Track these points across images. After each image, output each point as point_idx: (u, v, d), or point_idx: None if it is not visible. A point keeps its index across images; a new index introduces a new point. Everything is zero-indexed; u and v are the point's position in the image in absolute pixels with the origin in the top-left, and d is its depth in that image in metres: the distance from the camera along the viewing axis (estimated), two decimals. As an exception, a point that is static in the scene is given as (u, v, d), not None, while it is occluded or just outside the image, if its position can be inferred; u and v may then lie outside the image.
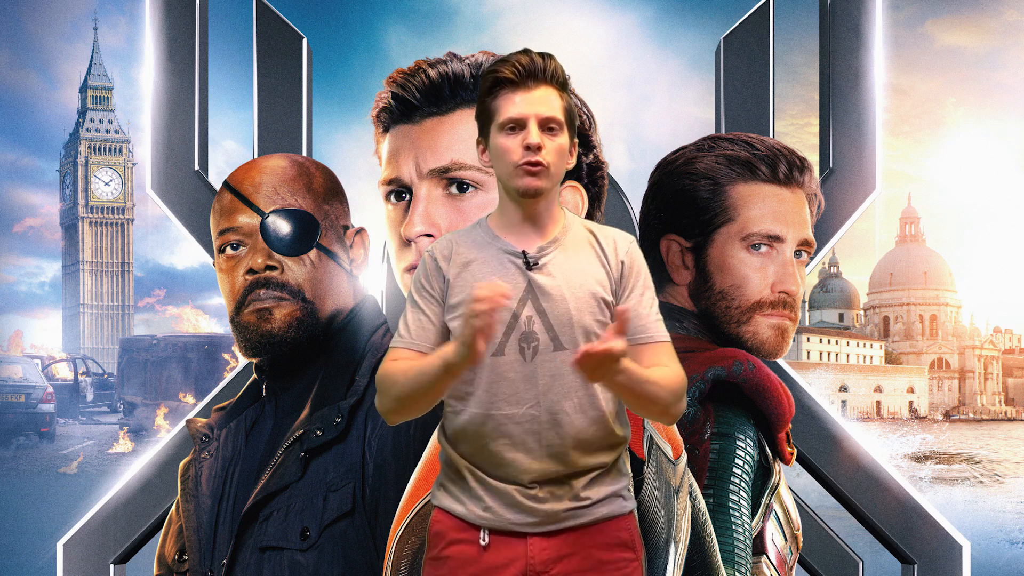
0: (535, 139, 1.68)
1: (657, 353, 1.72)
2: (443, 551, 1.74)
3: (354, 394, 2.17)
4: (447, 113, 2.19)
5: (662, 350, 1.72)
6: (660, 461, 1.84)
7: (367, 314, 2.29)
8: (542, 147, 1.69)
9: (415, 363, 1.69)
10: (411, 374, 1.68)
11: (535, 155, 1.68)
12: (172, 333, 43.69)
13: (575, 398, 1.70)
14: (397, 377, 1.69)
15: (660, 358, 1.71)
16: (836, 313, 68.51)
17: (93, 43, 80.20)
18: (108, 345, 72.96)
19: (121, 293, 79.43)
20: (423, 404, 1.71)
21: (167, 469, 3.15)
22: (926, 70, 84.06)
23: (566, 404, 1.69)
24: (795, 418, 2.19)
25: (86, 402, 34.90)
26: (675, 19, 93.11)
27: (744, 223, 2.20)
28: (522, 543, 1.71)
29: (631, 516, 1.76)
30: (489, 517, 1.71)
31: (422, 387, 1.67)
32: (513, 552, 1.71)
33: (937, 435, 46.97)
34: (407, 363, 1.71)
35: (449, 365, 1.63)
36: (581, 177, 2.18)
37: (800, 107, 52.24)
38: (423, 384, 1.67)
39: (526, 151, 1.68)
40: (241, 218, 2.23)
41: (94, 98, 78.72)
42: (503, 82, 1.71)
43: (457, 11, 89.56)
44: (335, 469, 2.12)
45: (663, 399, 1.68)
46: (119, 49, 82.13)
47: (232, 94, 68.26)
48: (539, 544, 1.71)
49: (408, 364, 1.70)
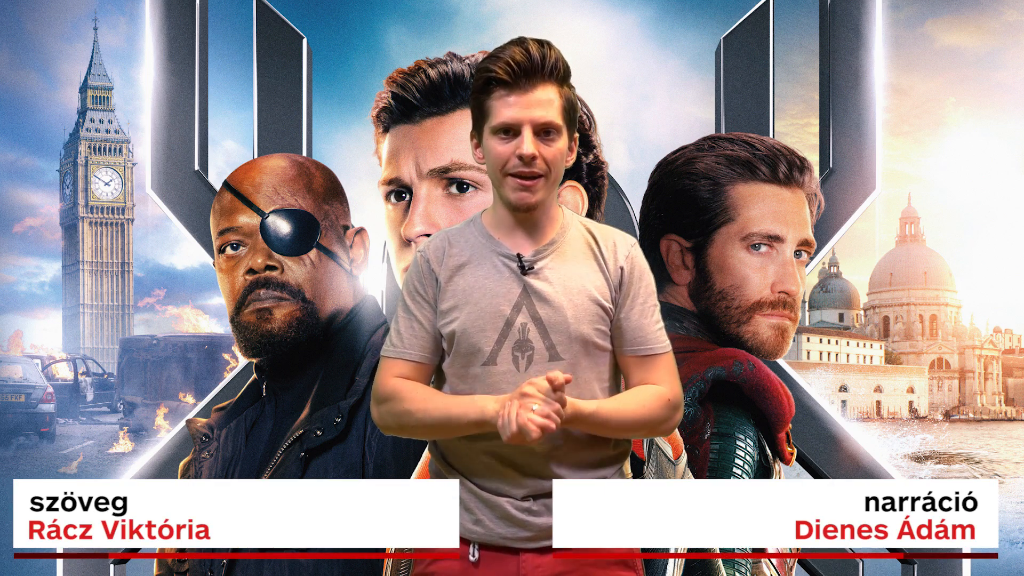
0: (529, 149, 1.61)
1: (655, 367, 1.68)
2: (429, 567, 1.69)
3: (354, 394, 2.17)
4: (447, 113, 2.19)
5: (661, 364, 1.68)
6: (660, 461, 1.83)
7: (367, 314, 2.29)
8: (536, 157, 1.61)
9: (437, 399, 1.64)
10: (432, 413, 1.63)
11: (529, 167, 1.61)
12: (172, 333, 43.65)
13: None
14: (410, 406, 1.64)
15: (658, 373, 1.67)
16: (836, 313, 68.45)
17: (93, 43, 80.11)
18: (108, 345, 72.90)
19: (121, 293, 79.34)
20: (435, 436, 1.67)
21: (167, 469, 3.15)
22: (926, 70, 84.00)
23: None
24: (795, 418, 2.19)
25: (86, 402, 34.84)
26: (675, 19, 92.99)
27: (744, 223, 2.20)
28: (514, 560, 1.66)
29: None
30: (479, 531, 1.66)
31: (445, 428, 1.63)
32: (504, 569, 1.66)
33: (937, 435, 46.92)
34: (422, 391, 1.65)
35: (482, 423, 1.59)
36: (581, 177, 2.18)
37: (800, 107, 52.22)
38: (447, 426, 1.62)
39: (519, 161, 1.61)
40: (241, 218, 2.22)
41: (94, 98, 78.64)
42: (496, 82, 1.62)
43: (457, 11, 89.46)
44: (335, 469, 2.12)
45: (639, 428, 1.65)
46: (119, 49, 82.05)
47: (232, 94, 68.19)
48: (532, 561, 1.65)
49: (424, 394, 1.65)
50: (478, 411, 1.59)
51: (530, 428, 1.53)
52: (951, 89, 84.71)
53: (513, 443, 1.56)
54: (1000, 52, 77.45)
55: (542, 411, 1.54)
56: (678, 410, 1.68)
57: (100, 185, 76.39)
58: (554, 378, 1.55)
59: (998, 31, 78.27)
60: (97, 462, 28.32)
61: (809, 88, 52.25)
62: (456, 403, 1.62)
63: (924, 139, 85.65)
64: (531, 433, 1.53)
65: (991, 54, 78.53)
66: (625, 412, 1.63)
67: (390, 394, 1.67)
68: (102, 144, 75.92)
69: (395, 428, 1.68)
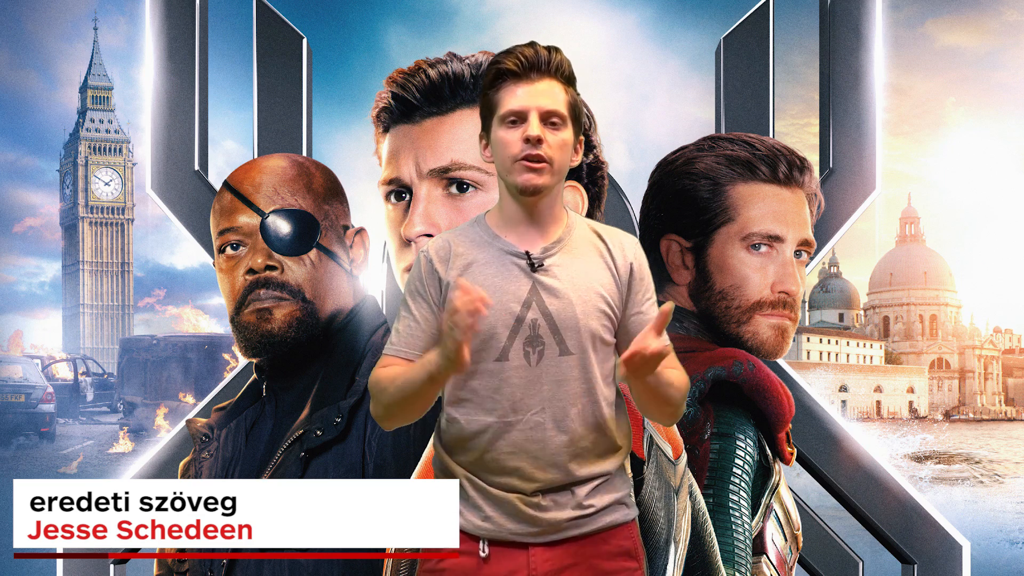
0: (535, 131, 1.64)
1: (666, 360, 1.69)
2: (440, 563, 1.70)
3: (354, 394, 2.17)
4: (447, 113, 2.19)
5: (670, 356, 1.70)
6: (660, 461, 1.83)
7: (367, 314, 2.29)
8: (543, 140, 1.64)
9: (402, 371, 1.67)
10: (398, 383, 1.65)
11: (535, 149, 1.64)
12: (172, 333, 43.68)
13: (580, 404, 1.67)
14: (386, 385, 1.67)
15: (669, 361, 1.69)
16: (836, 313, 68.48)
17: (93, 43, 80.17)
18: (108, 345, 72.94)
19: (121, 293, 79.39)
20: (412, 412, 1.68)
21: (167, 469, 3.15)
22: (926, 70, 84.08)
23: (571, 411, 1.67)
24: (795, 418, 2.19)
25: (86, 402, 34.87)
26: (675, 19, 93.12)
27: (744, 223, 2.20)
28: (523, 553, 1.67)
29: (633, 524, 1.74)
30: (489, 527, 1.68)
31: (408, 396, 1.65)
32: (514, 563, 1.67)
33: (937, 435, 46.96)
34: (395, 370, 1.68)
35: (431, 375, 1.60)
36: (581, 177, 2.18)
37: (800, 107, 52.29)
38: (409, 393, 1.64)
39: (526, 144, 1.64)
40: (241, 218, 2.22)
41: (94, 98, 78.69)
42: (506, 74, 1.67)
43: (457, 11, 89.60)
44: (335, 469, 2.12)
45: (676, 401, 1.67)
46: (119, 49, 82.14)
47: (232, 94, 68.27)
48: (541, 554, 1.67)
49: (396, 371, 1.67)
50: (425, 363, 1.61)
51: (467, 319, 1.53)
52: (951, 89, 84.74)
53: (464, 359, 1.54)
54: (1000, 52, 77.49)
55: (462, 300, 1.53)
56: (686, 399, 1.70)
57: (100, 185, 76.43)
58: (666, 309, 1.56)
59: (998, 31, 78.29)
60: (97, 462, 28.33)
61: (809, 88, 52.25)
62: (413, 367, 1.64)
63: (924, 139, 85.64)
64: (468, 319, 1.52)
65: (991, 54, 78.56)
66: (670, 378, 1.65)
67: (374, 383, 1.69)
68: (102, 144, 75.96)
69: (384, 416, 1.70)
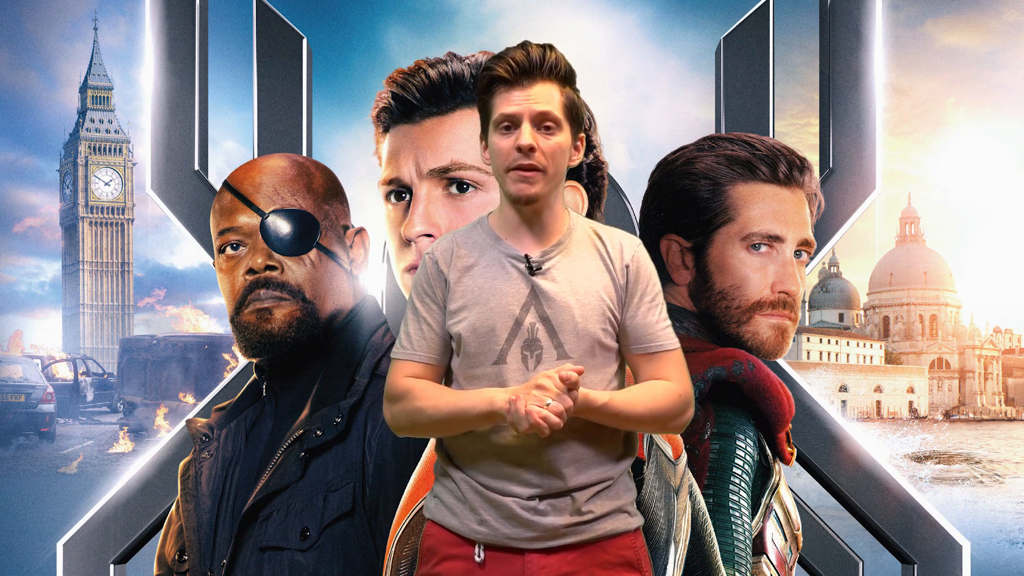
0: (527, 140, 1.62)
1: (666, 364, 1.69)
2: (436, 567, 1.69)
3: (354, 394, 2.17)
4: (447, 113, 2.19)
5: (671, 360, 1.69)
6: (660, 461, 1.83)
7: (367, 314, 2.29)
8: (535, 148, 1.63)
9: (447, 395, 1.65)
10: (443, 408, 1.63)
11: (527, 158, 1.63)
12: (172, 333, 43.68)
13: None
14: (422, 403, 1.65)
15: (669, 369, 1.68)
16: (836, 313, 68.48)
17: (93, 43, 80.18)
18: (108, 345, 72.93)
19: (121, 293, 79.40)
20: (448, 433, 1.67)
21: (167, 469, 3.15)
22: (926, 70, 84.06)
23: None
24: (795, 418, 2.19)
25: (86, 402, 34.88)
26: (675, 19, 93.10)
27: (744, 223, 2.19)
28: (519, 560, 1.65)
29: (637, 534, 1.71)
30: (485, 532, 1.66)
31: (455, 422, 1.63)
32: (510, 569, 1.65)
33: (937, 435, 46.96)
34: (434, 389, 1.66)
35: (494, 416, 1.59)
36: (581, 177, 2.18)
37: (800, 107, 52.25)
38: (457, 420, 1.63)
39: (518, 153, 1.63)
40: (241, 218, 2.22)
41: (94, 98, 78.70)
42: (497, 80, 1.65)
43: (457, 11, 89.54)
44: (335, 469, 2.12)
45: (651, 421, 1.66)
46: (119, 49, 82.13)
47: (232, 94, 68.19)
48: (538, 561, 1.65)
49: (435, 391, 1.65)
50: (487, 402, 1.60)
51: (542, 426, 1.54)
52: (951, 89, 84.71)
53: (523, 434, 1.56)
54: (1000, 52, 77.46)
55: (556, 408, 1.55)
56: (690, 406, 1.69)
57: (100, 185, 76.43)
58: (567, 376, 1.56)
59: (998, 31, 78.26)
60: (97, 462, 28.32)
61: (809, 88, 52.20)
62: (465, 396, 1.63)
63: (924, 139, 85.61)
64: (544, 430, 1.54)
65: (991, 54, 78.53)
66: (637, 404, 1.64)
67: (402, 393, 1.67)
68: (102, 144, 75.97)
69: (407, 427, 1.68)
